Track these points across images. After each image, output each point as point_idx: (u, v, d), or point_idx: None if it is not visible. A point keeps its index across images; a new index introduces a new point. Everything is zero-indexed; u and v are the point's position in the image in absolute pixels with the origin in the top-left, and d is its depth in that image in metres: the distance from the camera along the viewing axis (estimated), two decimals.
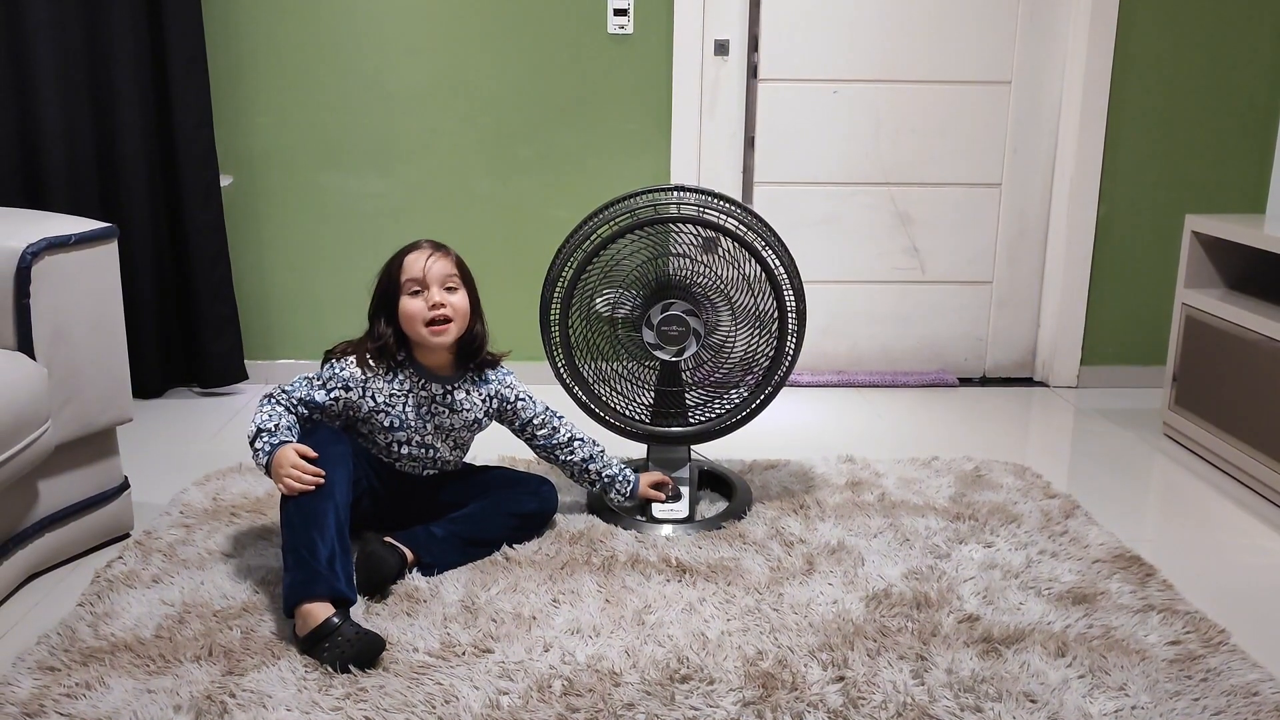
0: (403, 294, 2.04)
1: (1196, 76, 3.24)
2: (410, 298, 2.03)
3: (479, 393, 2.15)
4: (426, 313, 2.02)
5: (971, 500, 2.41)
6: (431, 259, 2.05)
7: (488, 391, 2.16)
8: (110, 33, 2.96)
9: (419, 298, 2.03)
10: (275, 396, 2.01)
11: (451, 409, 2.12)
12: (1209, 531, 2.38)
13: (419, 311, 2.02)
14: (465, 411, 2.13)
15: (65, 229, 2.05)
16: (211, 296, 3.18)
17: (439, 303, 2.03)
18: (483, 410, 2.16)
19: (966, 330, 3.49)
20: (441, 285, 2.04)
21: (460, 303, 2.06)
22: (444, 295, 2.04)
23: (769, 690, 1.67)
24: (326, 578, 1.78)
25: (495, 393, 2.17)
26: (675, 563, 2.09)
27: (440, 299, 2.03)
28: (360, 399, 2.04)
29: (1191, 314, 2.85)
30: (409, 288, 2.03)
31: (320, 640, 1.73)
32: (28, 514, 2.02)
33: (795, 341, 2.27)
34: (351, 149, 3.24)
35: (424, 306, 2.02)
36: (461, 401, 2.12)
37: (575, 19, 3.17)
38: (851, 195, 3.37)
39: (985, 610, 1.92)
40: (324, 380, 2.03)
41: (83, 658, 1.73)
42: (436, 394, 2.10)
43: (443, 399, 2.11)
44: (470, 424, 2.15)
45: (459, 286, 2.07)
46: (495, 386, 2.17)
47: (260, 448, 1.93)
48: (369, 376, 2.04)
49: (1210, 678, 1.72)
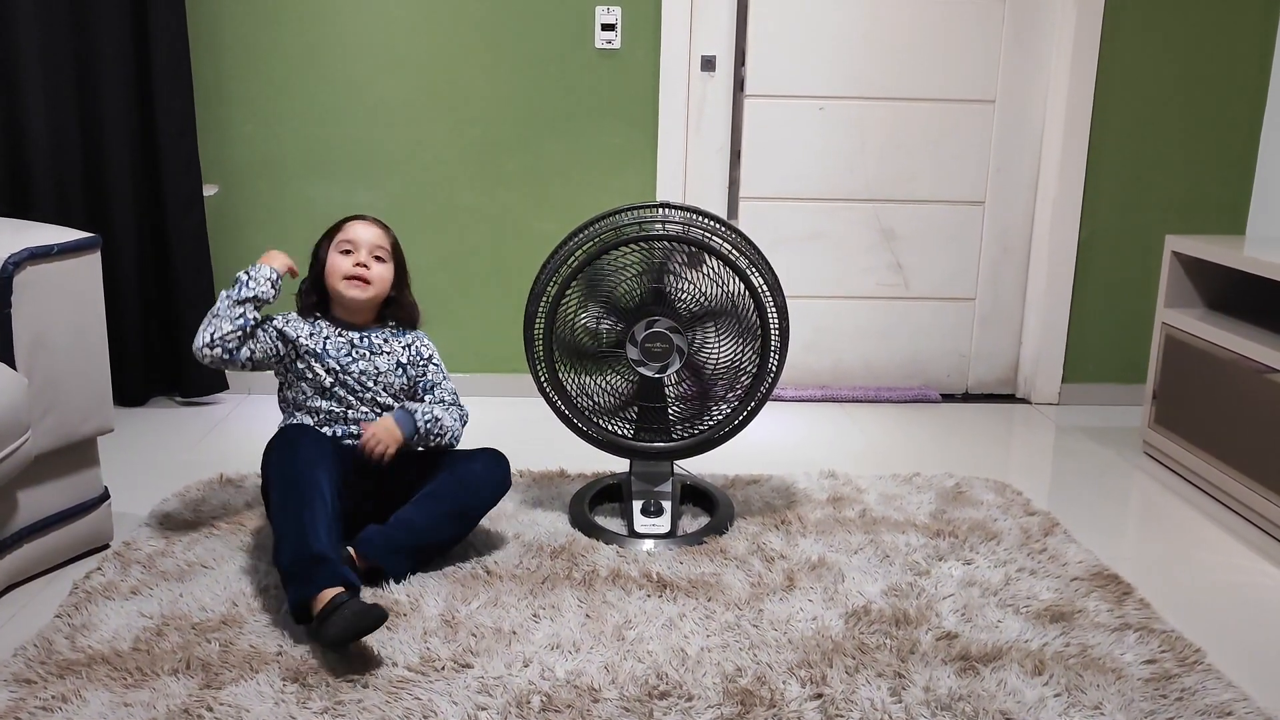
0: (334, 251, 2.20)
1: (1178, 98, 3.27)
2: (340, 255, 2.19)
3: (399, 340, 2.25)
4: (349, 268, 2.17)
5: (952, 517, 2.42)
6: (367, 227, 2.23)
7: (407, 340, 2.26)
8: (95, 42, 2.96)
9: (347, 257, 2.19)
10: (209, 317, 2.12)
11: (372, 350, 2.20)
12: (1187, 550, 2.39)
13: (341, 266, 2.18)
14: (386, 354, 2.21)
15: (47, 239, 2.04)
16: (194, 306, 3.17)
17: (362, 262, 2.18)
18: (404, 355, 2.23)
19: (949, 346, 3.51)
20: (370, 252, 2.20)
21: (383, 272, 2.21)
22: (371, 261, 2.19)
23: (747, 707, 1.68)
24: (329, 569, 1.81)
25: (413, 342, 2.26)
26: (656, 578, 2.09)
27: (365, 261, 2.18)
28: (287, 328, 2.16)
29: (1171, 333, 2.87)
30: (340, 246, 2.20)
31: (325, 619, 1.74)
32: (6, 524, 2.01)
33: (778, 358, 2.28)
34: (336, 159, 3.24)
35: (348, 264, 2.18)
36: (381, 345, 2.22)
37: (563, 34, 3.18)
38: (836, 211, 3.39)
39: (964, 628, 1.93)
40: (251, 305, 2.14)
41: (59, 670, 1.72)
42: (354, 339, 2.20)
43: (361, 341, 2.20)
44: (395, 367, 2.21)
45: (387, 259, 2.23)
46: (414, 337, 2.27)
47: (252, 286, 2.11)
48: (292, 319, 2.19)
49: (1185, 697, 1.73)
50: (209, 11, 3.12)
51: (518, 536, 2.27)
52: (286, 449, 2.01)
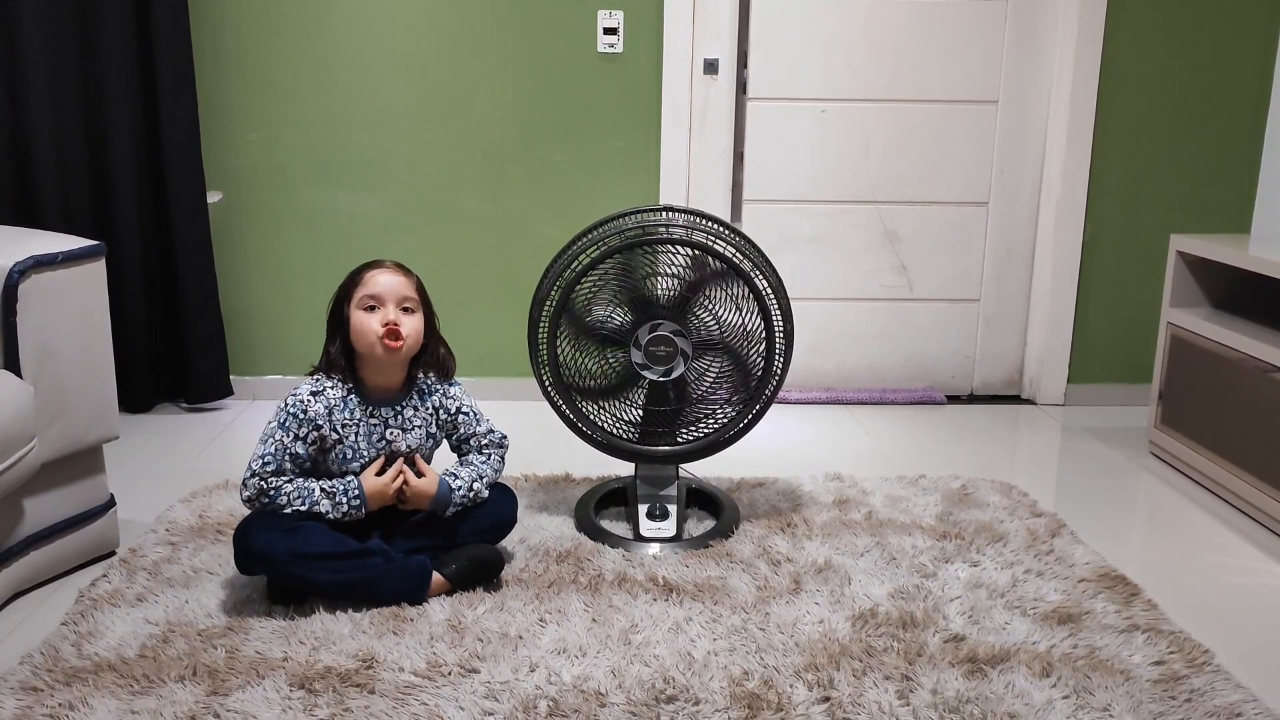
0: (358, 309, 2.01)
1: (1182, 97, 3.27)
2: (365, 313, 2.01)
3: (425, 405, 2.12)
4: (379, 328, 1.99)
5: (958, 519, 2.42)
6: (390, 277, 2.03)
7: (431, 403, 2.12)
8: (100, 49, 2.96)
9: (374, 314, 2.00)
10: (265, 478, 1.95)
11: (403, 429, 2.08)
12: (1194, 551, 2.39)
13: (371, 327, 2.00)
14: (417, 428, 2.10)
15: (53, 247, 2.05)
16: (199, 313, 3.18)
17: (393, 321, 2.00)
18: (433, 422, 2.12)
19: (954, 348, 3.51)
20: (398, 305, 2.02)
21: (415, 325, 2.04)
22: (399, 315, 2.01)
23: (754, 711, 1.67)
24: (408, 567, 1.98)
25: (439, 404, 2.13)
26: (662, 582, 2.09)
27: (395, 318, 2.00)
28: (330, 431, 2.01)
29: (1176, 333, 2.86)
30: (364, 303, 2.01)
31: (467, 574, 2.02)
32: (12, 532, 2.01)
33: (783, 361, 2.28)
34: (340, 166, 3.24)
35: (377, 323, 2.00)
36: (411, 418, 2.09)
37: (565, 38, 3.19)
38: (840, 213, 3.39)
39: (971, 630, 1.92)
40: (294, 430, 1.98)
41: (66, 678, 1.72)
42: (388, 417, 2.07)
43: (394, 420, 2.08)
44: (424, 440, 2.11)
45: (416, 309, 2.05)
46: (438, 398, 2.13)
47: (342, 507, 2.00)
48: (332, 404, 2.01)
49: (1194, 698, 1.72)
50: (213, 19, 3.12)
51: (523, 541, 2.26)
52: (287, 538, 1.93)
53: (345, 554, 1.95)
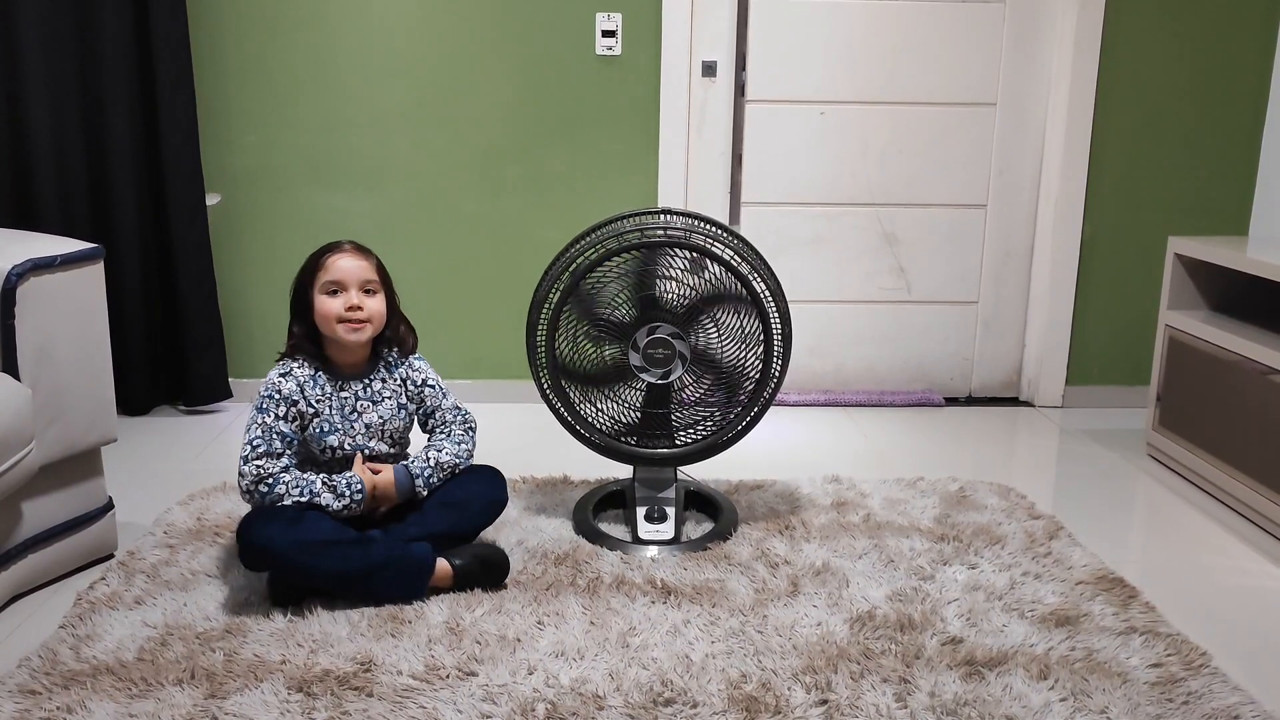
0: (321, 293, 2.07)
1: (1180, 99, 3.27)
2: (328, 297, 2.06)
3: (393, 377, 2.17)
4: (342, 312, 2.05)
5: (956, 521, 2.42)
6: (352, 261, 2.08)
7: (399, 375, 2.18)
8: (99, 51, 2.96)
9: (337, 298, 2.06)
10: (258, 461, 1.99)
11: (374, 401, 2.14)
12: (1192, 553, 2.39)
13: (333, 310, 2.06)
14: (387, 399, 2.15)
15: (51, 250, 2.05)
16: (197, 315, 3.18)
17: (355, 304, 2.06)
18: (403, 393, 2.17)
19: (952, 350, 3.51)
20: (360, 288, 2.07)
21: (377, 307, 2.09)
22: (361, 298, 2.07)
23: (752, 714, 1.67)
24: (410, 555, 1.99)
25: (406, 375, 2.19)
26: (660, 584, 2.09)
27: (358, 301, 2.06)
28: (306, 407, 2.07)
29: (1174, 335, 2.86)
30: (327, 288, 2.06)
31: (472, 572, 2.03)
32: (11, 536, 2.01)
33: (781, 363, 2.28)
34: (339, 168, 3.24)
35: (340, 306, 2.05)
36: (380, 390, 2.15)
37: (564, 40, 3.19)
38: (838, 216, 3.39)
39: (969, 632, 1.93)
40: (274, 411, 2.03)
41: (64, 681, 1.72)
42: (356, 390, 2.13)
43: (364, 393, 2.13)
44: (396, 411, 2.16)
45: (378, 290, 2.10)
46: (405, 370, 2.19)
47: (344, 499, 2.02)
48: (302, 382, 2.07)
49: (1192, 701, 1.73)
50: (212, 21, 3.13)
51: (521, 543, 2.26)
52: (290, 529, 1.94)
53: (349, 540, 1.97)
